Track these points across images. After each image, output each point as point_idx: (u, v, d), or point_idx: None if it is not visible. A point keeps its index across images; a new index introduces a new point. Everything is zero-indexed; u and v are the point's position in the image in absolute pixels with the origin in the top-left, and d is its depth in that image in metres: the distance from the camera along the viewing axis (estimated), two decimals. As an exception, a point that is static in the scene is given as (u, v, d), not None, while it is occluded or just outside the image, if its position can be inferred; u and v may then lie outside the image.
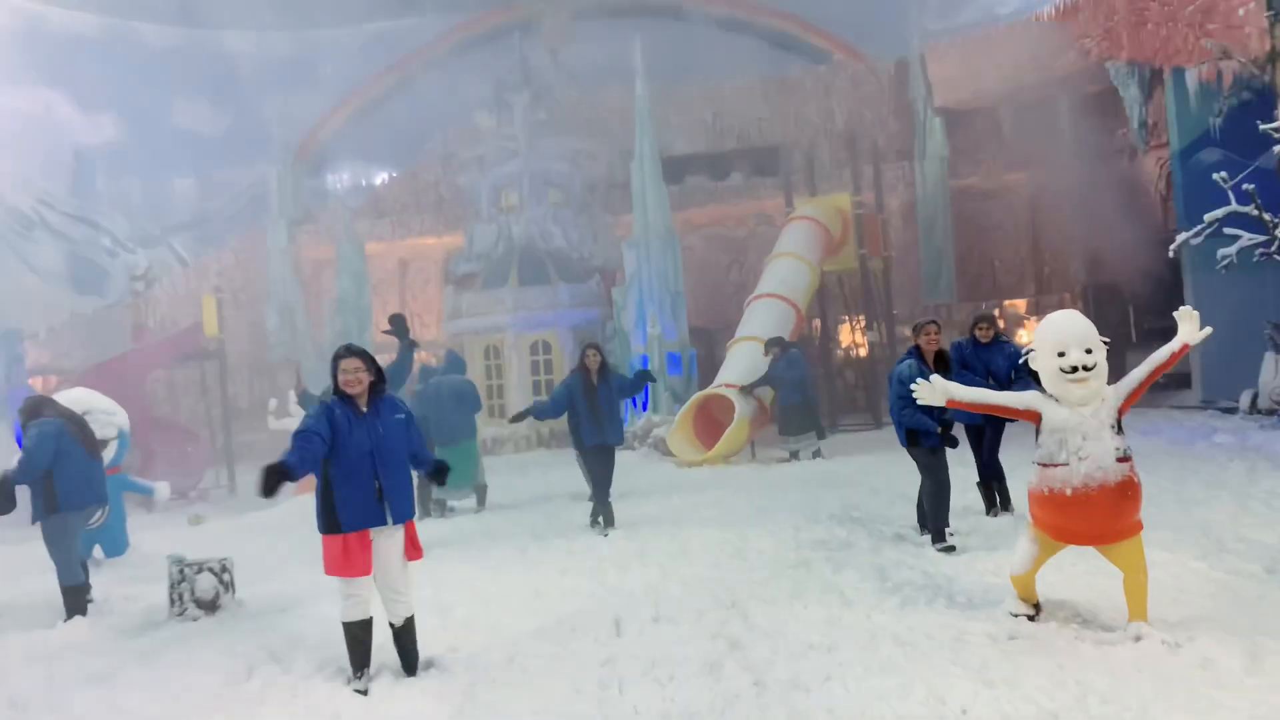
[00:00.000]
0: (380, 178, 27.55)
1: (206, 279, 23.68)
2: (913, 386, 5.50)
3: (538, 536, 8.85)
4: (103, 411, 9.21)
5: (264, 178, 25.16)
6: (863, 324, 20.81)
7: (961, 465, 8.11)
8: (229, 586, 6.74)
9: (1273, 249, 12.14)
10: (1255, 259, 12.33)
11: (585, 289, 19.30)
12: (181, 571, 6.56)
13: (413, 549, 5.19)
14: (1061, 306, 21.37)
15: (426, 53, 28.33)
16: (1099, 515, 5.03)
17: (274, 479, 4.65)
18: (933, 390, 5.42)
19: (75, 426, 7.13)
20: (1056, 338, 5.16)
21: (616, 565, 7.36)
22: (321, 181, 28.16)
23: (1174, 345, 5.19)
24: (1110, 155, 21.52)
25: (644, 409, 16.26)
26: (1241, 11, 13.57)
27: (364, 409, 5.06)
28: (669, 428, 14.66)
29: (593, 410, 8.89)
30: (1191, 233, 12.70)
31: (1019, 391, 5.44)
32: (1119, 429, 5.14)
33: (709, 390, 14.67)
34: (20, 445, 7.08)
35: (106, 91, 26.39)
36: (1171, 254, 14.08)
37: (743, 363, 15.13)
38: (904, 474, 11.07)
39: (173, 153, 29.03)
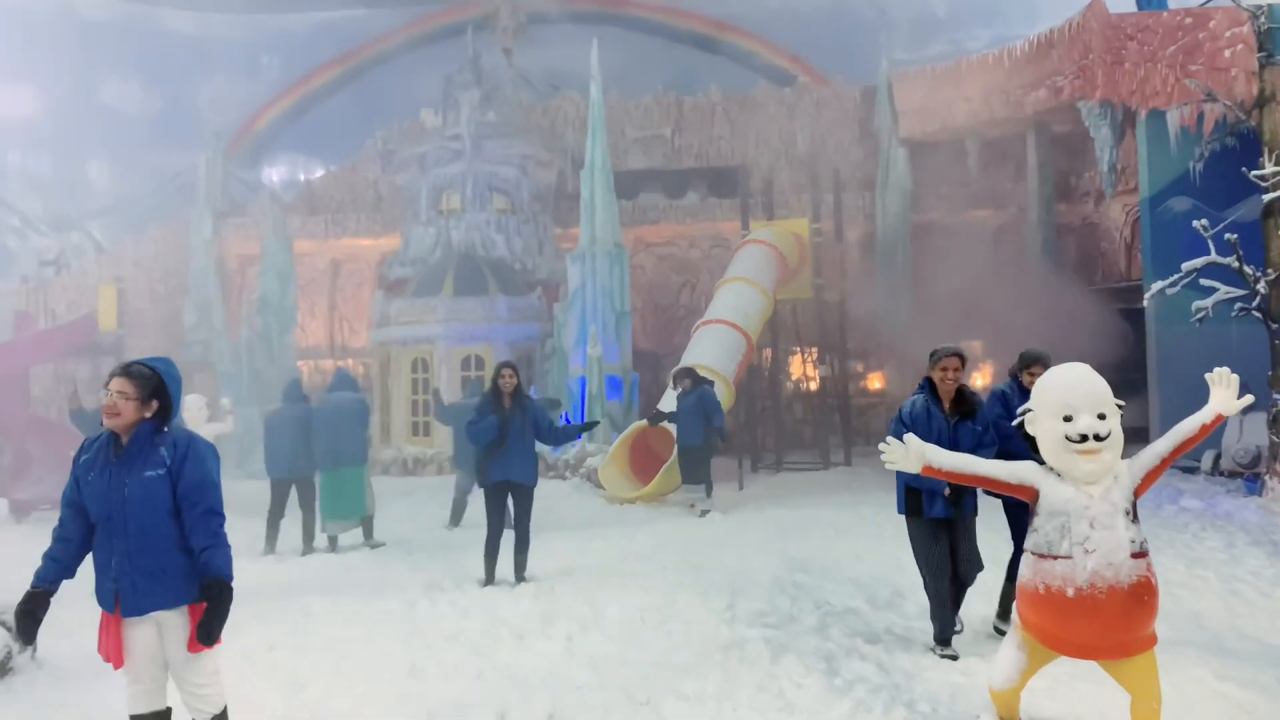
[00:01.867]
0: (318, 173, 26.07)
1: (121, 268, 22.03)
2: (881, 446, 4.43)
3: (432, 587, 7.61)
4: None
5: (193, 165, 23.58)
6: (815, 356, 19.92)
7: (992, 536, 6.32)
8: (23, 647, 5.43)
9: (1253, 304, 11.39)
10: (1234, 314, 11.58)
11: (525, 303, 18.09)
12: (-39, 625, 5.25)
13: (195, 640, 3.73)
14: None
15: (377, 46, 27.03)
16: (1106, 624, 3.99)
17: (31, 623, 3.60)
18: (905, 452, 4.36)
19: None
20: (1062, 398, 4.13)
21: (516, 633, 6.18)
22: (256, 173, 26.60)
23: (1205, 416, 4.20)
24: (1076, 198, 21.00)
25: (578, 437, 15.06)
26: (1228, 53, 12.91)
27: (118, 454, 3.72)
28: (603, 458, 13.52)
29: (500, 440, 7.60)
30: (1168, 282, 11.94)
31: (1014, 461, 4.38)
32: (1134, 515, 4.12)
33: (646, 422, 13.54)
34: None
35: (28, 61, 24.62)
36: (1146, 303, 13.34)
37: (686, 392, 14.06)
38: (855, 524, 10.15)
39: (97, 132, 27.19)
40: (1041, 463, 4.26)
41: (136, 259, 22.42)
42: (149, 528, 3.66)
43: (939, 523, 5.63)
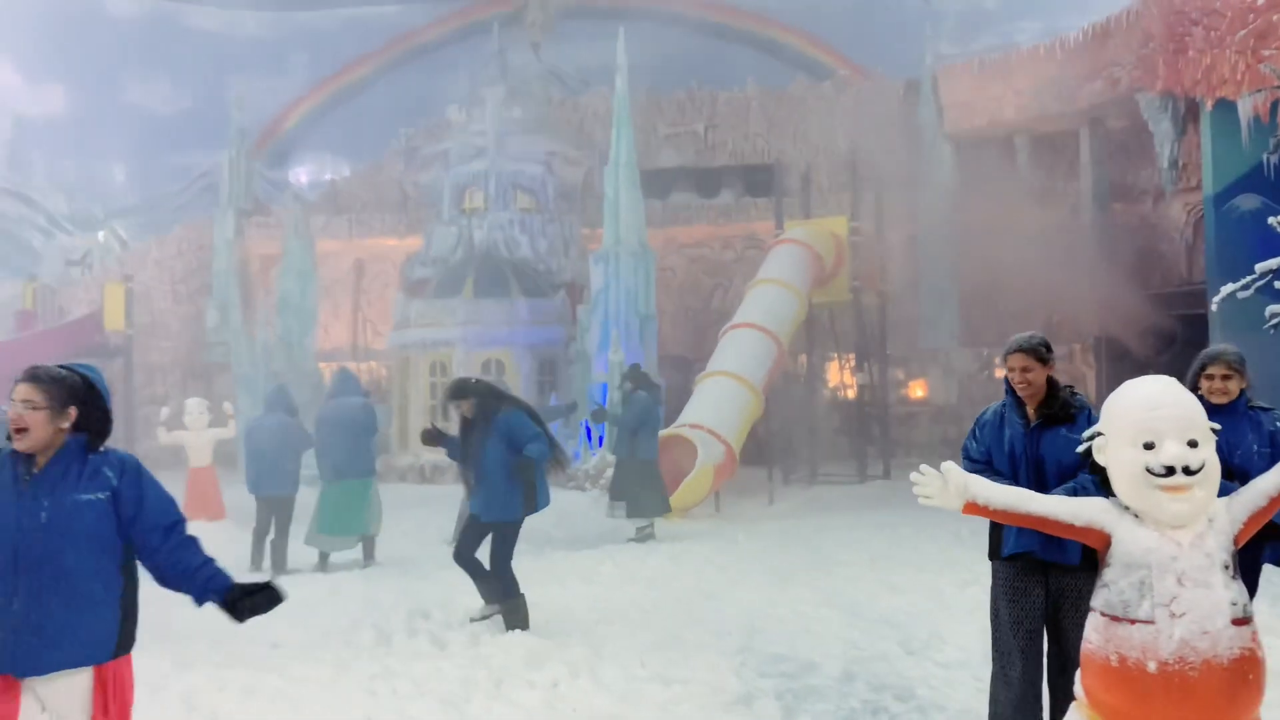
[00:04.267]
0: (346, 172, 25.63)
1: (143, 268, 21.71)
2: (913, 476, 3.56)
3: (416, 616, 6.85)
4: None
5: (219, 164, 23.27)
6: (852, 363, 19.00)
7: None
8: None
9: (1338, 310, 10.33)
10: (1315, 320, 10.52)
11: (548, 305, 17.38)
12: None
13: (107, 713, 3.02)
14: (1070, 358, 19.61)
15: (405, 43, 26.57)
16: (1200, 708, 3.10)
17: None
18: (942, 483, 3.50)
19: None
20: (1142, 419, 3.24)
21: (495, 679, 5.38)
22: (283, 172, 26.26)
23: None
24: (1134, 196, 19.86)
25: (599, 445, 14.33)
26: (1308, 35, 11.84)
27: (32, 473, 3.01)
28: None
29: (468, 469, 6.63)
30: (1239, 285, 10.89)
31: (1079, 497, 3.51)
32: (1235, 570, 3.25)
33: (670, 430, 12.76)
34: None
35: (56, 60, 24.49)
36: (1212, 308, 12.29)
37: (712, 401, 13.29)
38: (892, 549, 9.23)
39: (123, 131, 27.00)
40: (1115, 500, 3.39)
41: (159, 259, 22.13)
42: (70, 563, 2.97)
43: (1029, 565, 4.01)
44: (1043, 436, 4.18)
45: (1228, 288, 11.12)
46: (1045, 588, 4.07)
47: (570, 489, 14.10)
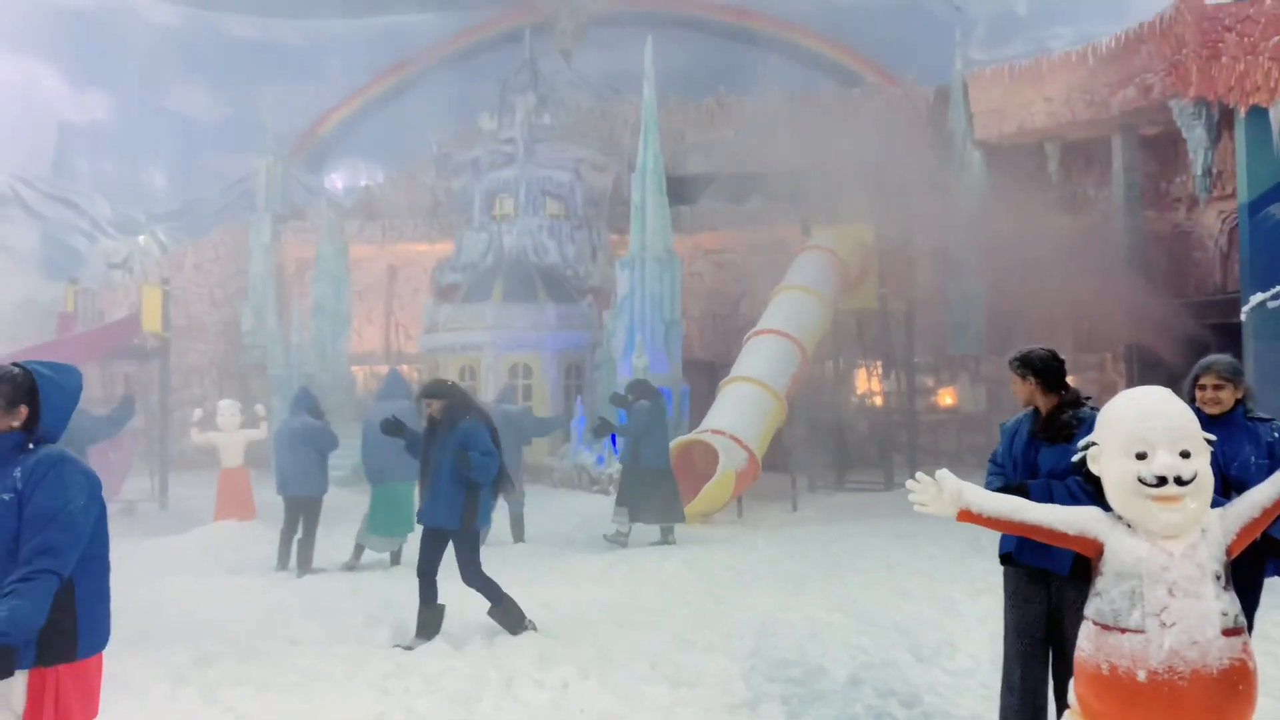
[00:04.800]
0: (380, 177, 25.98)
1: (182, 271, 22.14)
2: (909, 484, 3.61)
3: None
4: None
5: (256, 170, 23.67)
6: (879, 370, 18.92)
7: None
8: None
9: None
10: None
11: (575, 310, 17.51)
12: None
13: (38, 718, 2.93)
14: (1101, 368, 19.39)
15: (438, 51, 26.87)
16: (1189, 717, 3.15)
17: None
18: (937, 491, 3.55)
19: None
20: (1134, 429, 3.27)
21: (505, 678, 5.48)
22: (319, 178, 26.65)
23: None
24: (1166, 204, 19.63)
25: (617, 450, 14.40)
26: (1341, 41, 11.66)
27: None
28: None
29: (422, 473, 6.49)
30: (1269, 294, 10.79)
31: (1071, 506, 3.54)
32: (1226, 581, 3.26)
33: (691, 436, 12.82)
34: None
35: (99, 68, 25.07)
36: (1243, 317, 12.15)
37: (735, 406, 13.32)
38: (909, 557, 9.20)
39: (164, 137, 27.58)
40: (1108, 509, 3.41)
41: (197, 262, 22.53)
42: None
43: (1032, 573, 4.10)
44: (1040, 451, 4.25)
45: (1257, 297, 11.02)
46: (1048, 595, 4.13)
47: (595, 493, 14.22)
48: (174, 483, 15.03)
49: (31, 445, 3.05)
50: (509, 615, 6.48)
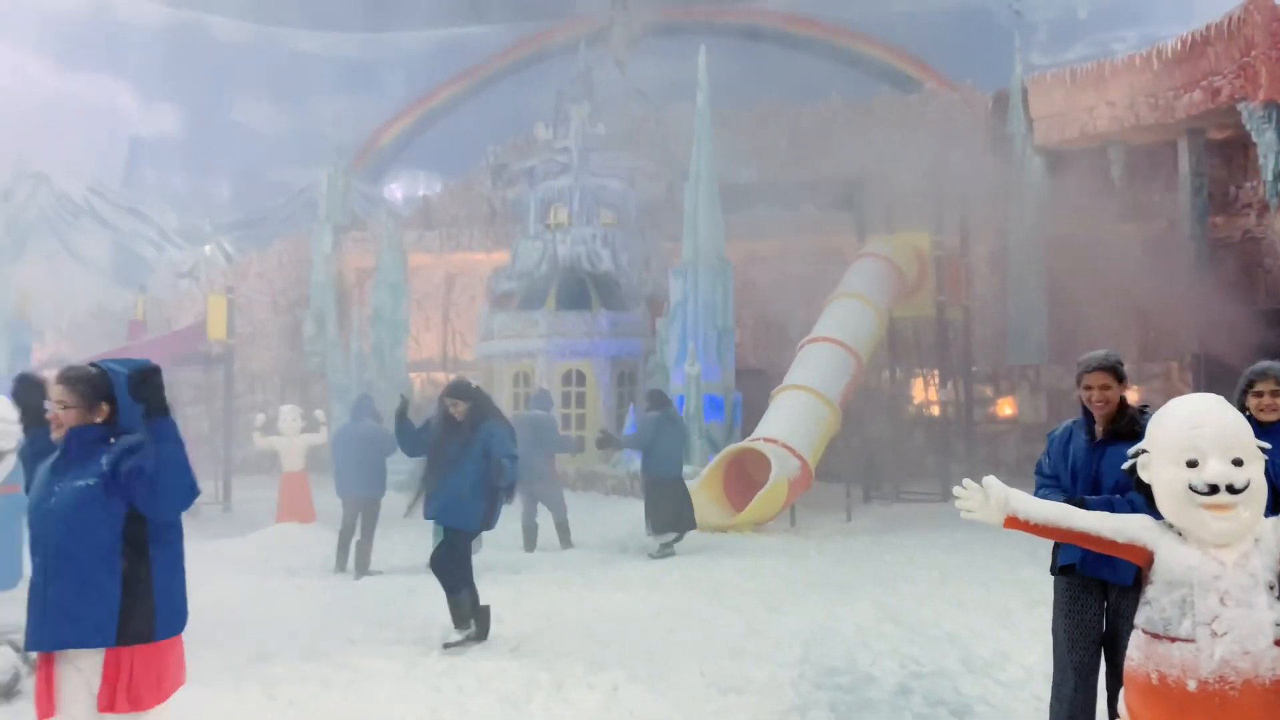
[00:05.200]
0: (438, 187, 26.46)
1: (246, 280, 22.75)
2: (955, 491, 3.61)
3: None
4: (1, 419, 7.79)
5: (318, 181, 24.27)
6: (936, 379, 18.70)
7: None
8: (36, 667, 5.16)
9: None
10: None
11: (628, 318, 17.63)
12: (-30, 645, 5.02)
13: (111, 697, 3.17)
14: (1167, 377, 18.90)
15: (495, 62, 27.25)
16: (1241, 729, 3.11)
17: None
18: (984, 497, 3.54)
19: None
20: (1185, 437, 3.23)
21: (556, 681, 5.55)
22: (379, 188, 27.20)
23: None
24: (1236, 210, 19.11)
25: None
26: None
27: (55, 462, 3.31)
28: (697, 481, 12.81)
29: (433, 471, 6.50)
30: (1341, 301, 10.44)
31: (1123, 514, 3.50)
32: (1280, 591, 3.21)
33: (744, 444, 12.80)
34: None
35: (168, 83, 25.96)
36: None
37: (788, 415, 13.27)
38: (964, 568, 9.09)
39: (229, 150, 28.42)
40: (1159, 517, 3.38)
41: (260, 271, 23.13)
42: (68, 546, 3.16)
43: (1087, 582, 4.04)
44: (1105, 454, 4.20)
45: (1328, 305, 10.67)
46: (1103, 605, 4.10)
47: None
48: (237, 486, 15.41)
49: (113, 440, 3.27)
50: (460, 609, 6.43)
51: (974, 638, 6.54)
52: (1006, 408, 20.60)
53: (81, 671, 3.21)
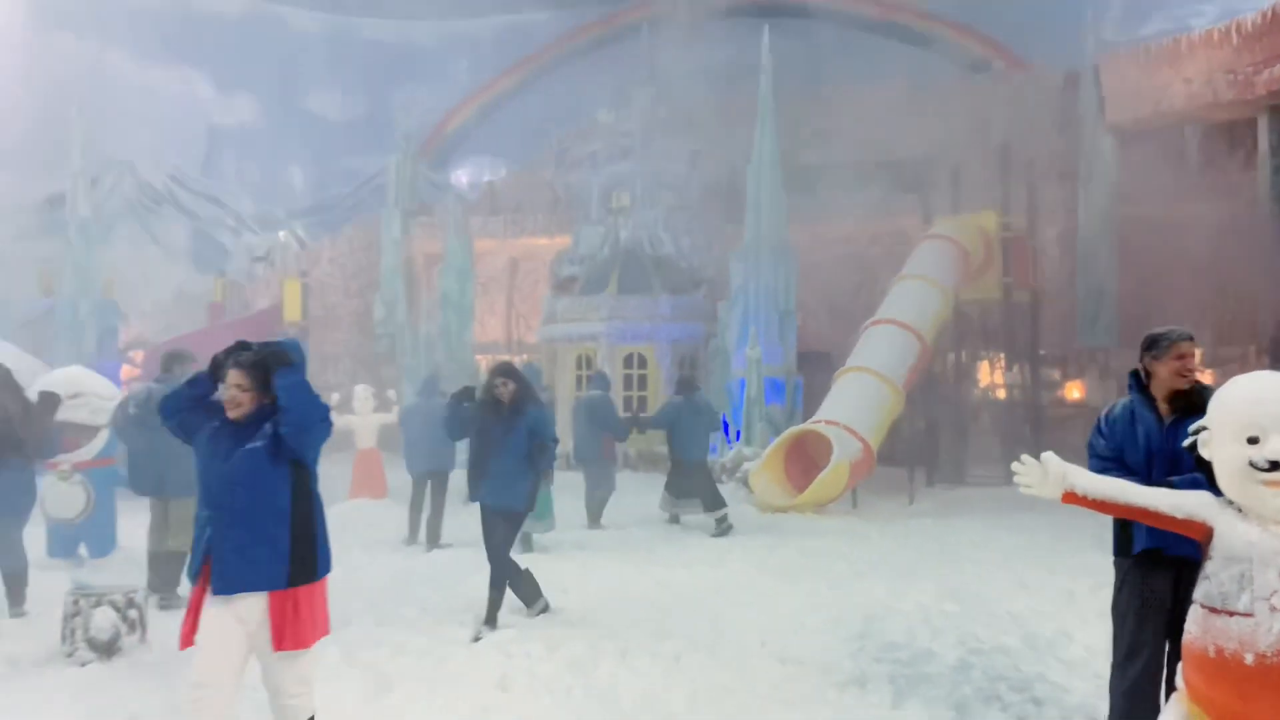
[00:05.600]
0: (502, 173, 26.82)
1: (318, 265, 23.37)
2: (1014, 466, 3.69)
3: (555, 590, 7.28)
4: (96, 395, 8.27)
5: (387, 168, 24.76)
6: (1003, 363, 18.47)
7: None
8: (134, 626, 5.52)
9: None
10: None
11: (690, 301, 17.74)
12: (77, 604, 5.38)
13: (280, 635, 3.62)
14: (1244, 361, 18.39)
15: (560, 46, 27.46)
16: (1299, 702, 3.14)
17: None
18: (1042, 473, 3.61)
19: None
20: (1247, 414, 3.26)
21: (620, 649, 5.74)
22: (446, 175, 27.67)
23: None
24: (1319, 188, 18.46)
25: (736, 439, 14.56)
26: None
27: (226, 429, 3.76)
28: (759, 462, 12.91)
29: (480, 454, 6.55)
30: None
31: (1181, 492, 3.54)
32: (1340, 567, 3.22)
33: (805, 426, 12.85)
34: None
35: (244, 73, 26.72)
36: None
37: (850, 397, 13.28)
38: (1028, 549, 9.07)
39: (302, 137, 29.17)
40: (1219, 494, 3.41)
41: (332, 256, 23.72)
42: (243, 502, 3.63)
43: (1158, 561, 3.99)
44: (1179, 431, 4.18)
45: None
46: (1174, 585, 4.06)
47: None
48: (312, 463, 15.86)
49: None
50: (497, 607, 6.48)
51: (1036, 617, 6.56)
52: (1075, 391, 20.28)
53: (239, 615, 3.63)
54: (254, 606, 3.64)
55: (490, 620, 6.34)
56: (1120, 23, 23.71)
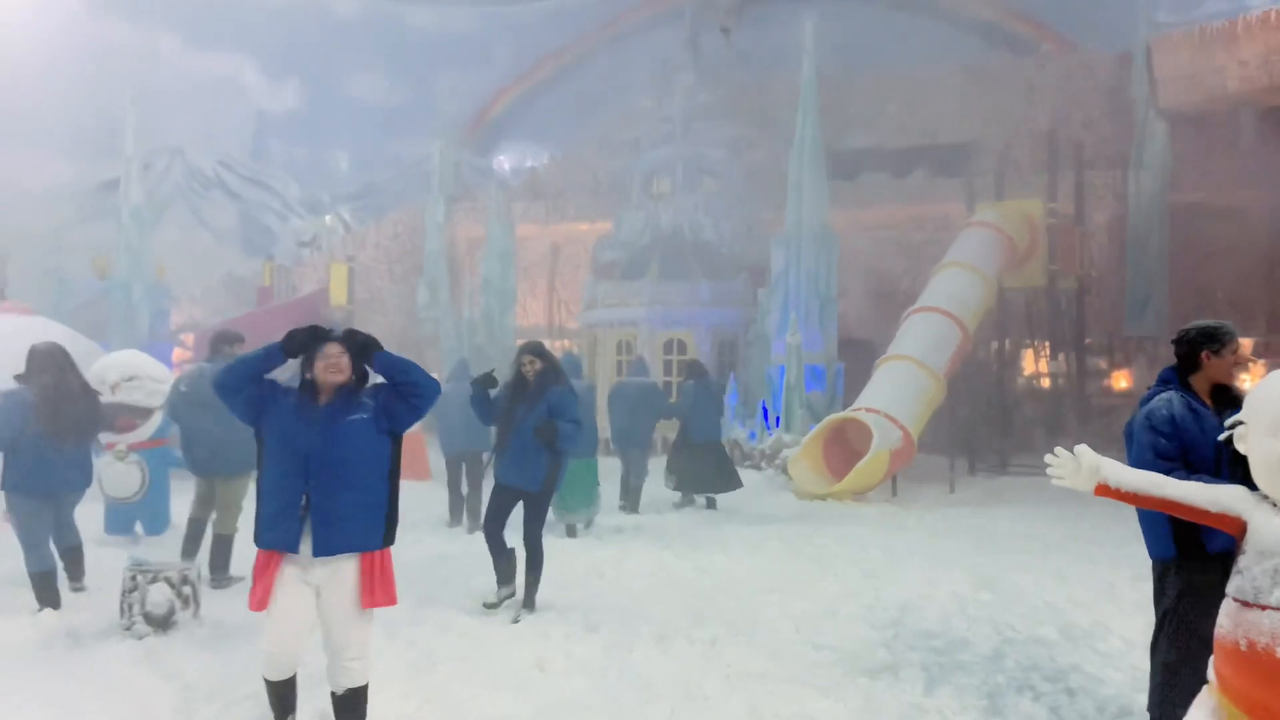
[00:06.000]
0: (545, 158, 26.95)
1: (363, 249, 23.70)
2: (1048, 458, 3.70)
3: (591, 574, 7.44)
4: (151, 378, 8.52)
5: (431, 154, 24.99)
6: (1048, 351, 18.27)
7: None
8: (188, 601, 5.72)
9: None
10: None
11: (730, 287, 17.75)
12: (134, 579, 5.59)
13: (371, 592, 3.90)
14: (1298, 350, 18.02)
15: (602, 31, 27.46)
16: (1331, 697, 3.15)
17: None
18: (1075, 465, 3.63)
19: (47, 402, 6.23)
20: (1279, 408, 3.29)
21: (657, 634, 5.86)
22: (488, 160, 27.86)
23: None
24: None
25: (775, 426, 14.59)
26: None
27: (318, 404, 3.94)
28: (797, 449, 12.94)
29: (503, 431, 6.51)
30: None
31: (1216, 485, 3.54)
32: (1376, 563, 3.21)
33: (845, 413, 12.85)
34: None
35: (291, 59, 27.12)
36: None
37: (890, 385, 13.24)
38: (1068, 540, 9.01)
39: (348, 123, 29.56)
40: (1254, 488, 3.41)
41: (377, 241, 24.05)
42: (346, 471, 3.84)
43: (1216, 565, 3.68)
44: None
45: None
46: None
47: (747, 467, 14.46)
48: (357, 445, 16.15)
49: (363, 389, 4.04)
50: (534, 589, 6.47)
51: (1074, 608, 6.55)
52: (1122, 380, 19.98)
53: (317, 577, 3.86)
54: (345, 567, 3.86)
55: (529, 603, 6.44)
56: (1174, 3, 23.14)
